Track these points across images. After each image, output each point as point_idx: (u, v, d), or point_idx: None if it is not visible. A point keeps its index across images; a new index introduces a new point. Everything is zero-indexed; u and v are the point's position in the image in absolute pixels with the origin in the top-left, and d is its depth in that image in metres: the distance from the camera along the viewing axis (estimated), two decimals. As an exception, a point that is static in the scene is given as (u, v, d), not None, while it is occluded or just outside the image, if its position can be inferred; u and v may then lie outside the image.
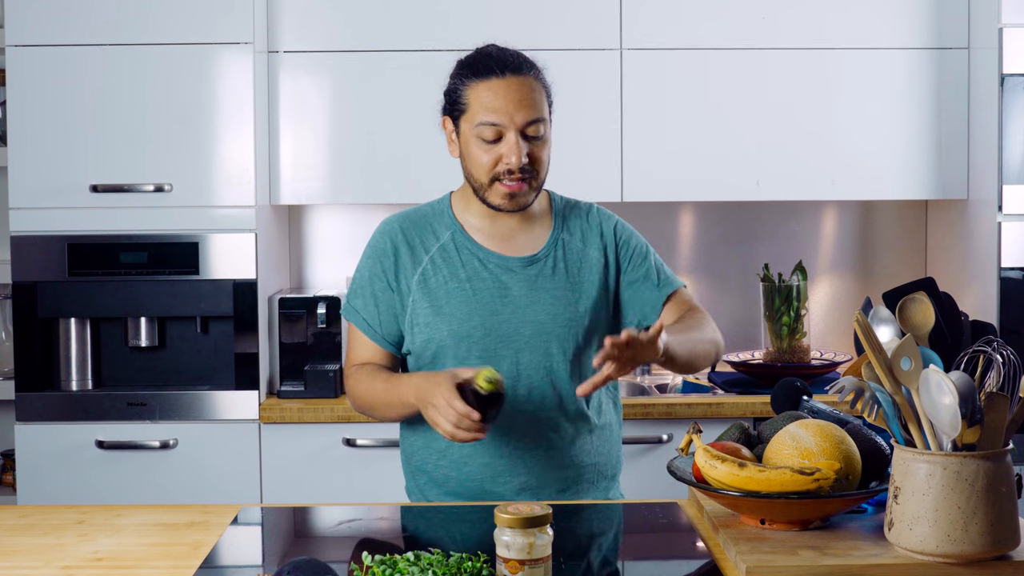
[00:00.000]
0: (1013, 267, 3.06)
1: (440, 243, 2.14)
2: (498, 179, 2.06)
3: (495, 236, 2.15)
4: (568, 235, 2.18)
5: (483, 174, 2.07)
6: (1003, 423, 1.59)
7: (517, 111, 2.03)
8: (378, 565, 1.54)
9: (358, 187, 3.22)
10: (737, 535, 1.71)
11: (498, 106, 2.03)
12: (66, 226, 3.02)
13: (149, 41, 3.01)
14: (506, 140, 2.04)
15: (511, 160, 2.03)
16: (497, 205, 2.09)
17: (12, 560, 1.74)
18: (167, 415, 3.02)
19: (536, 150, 2.06)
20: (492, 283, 2.11)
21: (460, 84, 2.08)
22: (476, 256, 2.13)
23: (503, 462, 2.11)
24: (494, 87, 2.04)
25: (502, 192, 2.07)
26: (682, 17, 3.21)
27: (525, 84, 2.05)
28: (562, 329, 2.11)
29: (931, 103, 3.24)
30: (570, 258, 2.16)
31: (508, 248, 2.15)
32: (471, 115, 2.06)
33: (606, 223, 2.22)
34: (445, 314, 2.10)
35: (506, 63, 2.05)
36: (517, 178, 2.05)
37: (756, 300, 3.49)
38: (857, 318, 1.63)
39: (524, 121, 2.03)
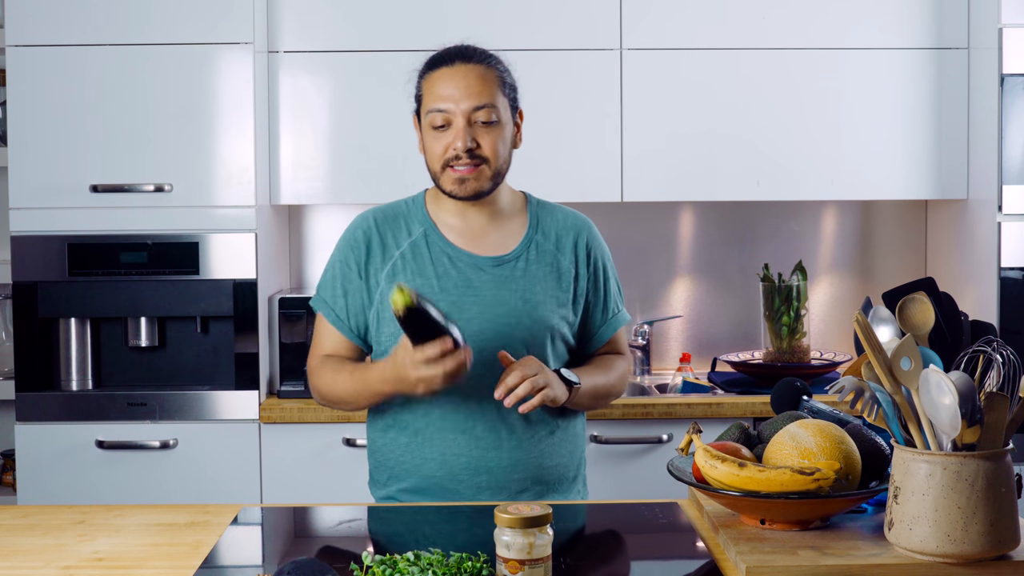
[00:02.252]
0: (1013, 267, 3.06)
1: (412, 239, 2.16)
2: (449, 165, 2.08)
3: (467, 233, 2.16)
4: (542, 237, 2.19)
5: (435, 161, 2.10)
6: (1003, 423, 1.59)
7: (464, 97, 2.06)
8: (378, 565, 1.54)
9: (358, 187, 3.22)
10: (737, 535, 1.71)
11: (446, 93, 2.07)
12: (66, 226, 3.02)
13: (149, 41, 3.01)
14: (454, 126, 2.07)
15: (457, 144, 2.06)
16: (449, 191, 2.11)
17: (12, 560, 1.74)
18: (167, 415, 3.02)
19: (486, 136, 2.08)
20: (460, 281, 2.12)
21: (419, 78, 2.14)
22: (446, 253, 2.14)
23: (462, 461, 2.12)
24: (444, 75, 2.08)
25: (452, 178, 2.09)
26: (682, 17, 3.21)
27: (473, 71, 2.08)
28: (526, 331, 2.12)
29: (931, 103, 3.24)
30: (542, 260, 2.17)
31: (479, 246, 2.16)
32: (425, 105, 2.11)
33: (582, 233, 2.22)
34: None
35: (458, 53, 2.11)
36: (465, 163, 2.07)
37: (756, 300, 3.49)
38: (857, 318, 1.63)
39: (471, 107, 2.06)
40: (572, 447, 2.21)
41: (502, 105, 2.10)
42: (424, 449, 2.13)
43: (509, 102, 2.13)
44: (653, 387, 3.32)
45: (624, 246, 3.56)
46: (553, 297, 2.15)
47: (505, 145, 2.12)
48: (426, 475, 2.13)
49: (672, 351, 3.59)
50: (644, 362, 3.46)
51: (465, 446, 2.12)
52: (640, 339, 3.46)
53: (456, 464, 2.12)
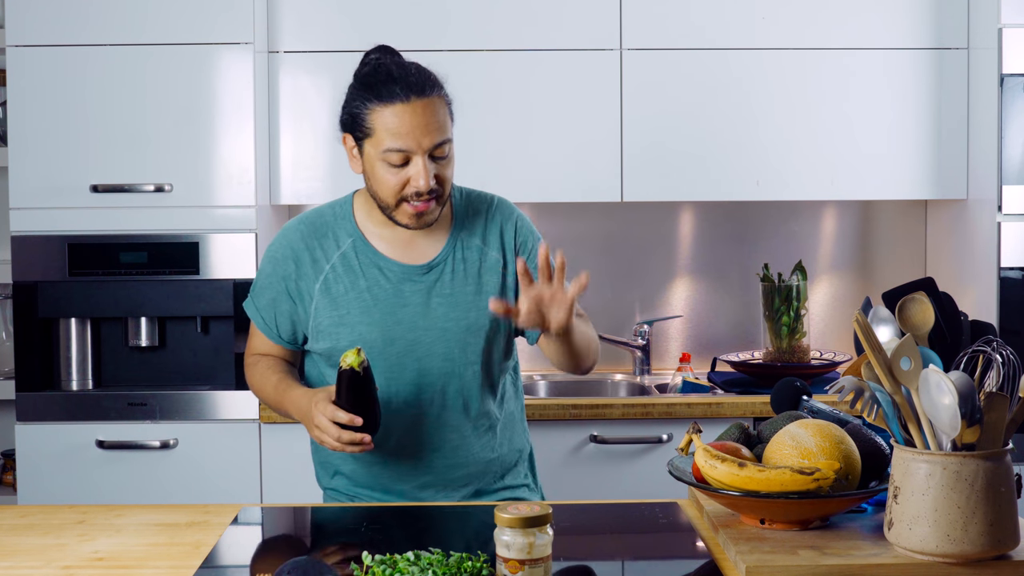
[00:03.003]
0: (1013, 267, 3.06)
1: (341, 251, 2.14)
2: (405, 200, 2.04)
3: (395, 242, 2.14)
4: (468, 234, 2.17)
5: (390, 195, 2.05)
6: (1003, 423, 1.59)
7: (424, 135, 2.00)
8: (378, 565, 1.54)
9: (358, 187, 3.21)
10: (737, 535, 1.71)
11: (404, 131, 1.99)
12: (66, 226, 3.02)
13: (149, 41, 3.02)
14: (413, 163, 2.01)
15: (419, 183, 2.01)
16: (404, 224, 2.08)
17: (12, 560, 1.74)
18: (167, 415, 3.02)
19: (442, 170, 2.04)
20: (392, 292, 2.12)
21: (363, 107, 2.03)
22: (376, 264, 2.13)
23: (407, 463, 2.15)
24: (399, 112, 1.99)
25: (410, 212, 2.05)
26: (682, 17, 3.21)
27: (430, 107, 2.01)
28: (462, 334, 2.12)
29: (931, 103, 3.24)
30: (469, 260, 2.16)
31: (407, 254, 2.14)
32: (376, 140, 2.02)
33: (507, 222, 2.19)
34: (347, 324, 2.11)
35: (409, 86, 2.00)
36: (425, 199, 2.03)
37: (756, 300, 3.49)
38: (857, 318, 1.63)
39: (431, 144, 2.01)
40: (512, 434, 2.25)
41: (451, 134, 2.07)
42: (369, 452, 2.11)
43: (452, 123, 2.08)
44: (653, 387, 3.32)
45: (624, 246, 3.56)
46: (484, 294, 2.14)
47: (452, 173, 2.09)
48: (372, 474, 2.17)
49: (672, 351, 3.59)
50: (644, 362, 3.46)
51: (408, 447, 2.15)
52: (640, 339, 3.46)
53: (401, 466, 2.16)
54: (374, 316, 2.10)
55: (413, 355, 2.11)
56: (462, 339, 2.13)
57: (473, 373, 2.14)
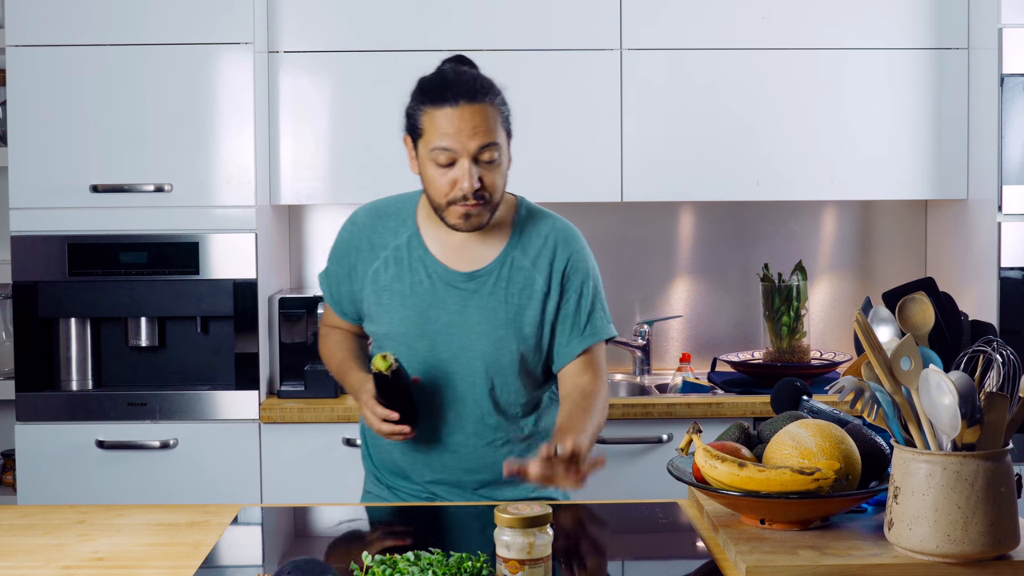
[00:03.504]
0: (1013, 267, 3.06)
1: (396, 243, 2.22)
2: (453, 202, 2.10)
3: (448, 244, 2.19)
4: (520, 253, 2.19)
5: (439, 196, 2.12)
6: (1003, 423, 1.59)
7: (470, 138, 2.06)
8: (378, 565, 1.54)
9: (358, 187, 3.22)
10: (737, 535, 1.71)
11: (451, 132, 2.06)
12: (66, 226, 3.02)
13: (149, 41, 3.01)
14: (459, 165, 2.08)
15: (464, 185, 2.07)
16: (453, 225, 2.14)
17: (12, 560, 1.74)
18: (167, 415, 3.02)
19: (489, 175, 2.10)
20: (430, 294, 2.17)
21: (417, 109, 2.12)
22: (423, 264, 2.19)
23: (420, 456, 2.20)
24: (448, 115, 2.07)
25: (457, 213, 2.11)
26: (682, 17, 3.21)
27: (479, 112, 2.07)
28: (488, 347, 2.15)
29: (931, 103, 3.24)
30: (513, 278, 2.17)
31: (458, 259, 2.19)
32: (427, 140, 2.10)
33: (561, 251, 2.20)
34: (384, 313, 2.20)
35: (461, 90, 2.08)
36: (472, 203, 2.09)
37: (756, 300, 3.49)
38: (857, 318, 1.63)
39: (476, 147, 2.07)
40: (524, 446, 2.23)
41: (502, 141, 2.12)
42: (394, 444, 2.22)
43: (506, 134, 2.15)
44: (653, 387, 3.32)
45: (624, 246, 3.56)
46: (519, 315, 2.16)
47: (503, 179, 2.15)
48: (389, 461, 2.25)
49: (672, 351, 3.59)
50: (644, 362, 3.46)
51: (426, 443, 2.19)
52: (640, 339, 3.46)
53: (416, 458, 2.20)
54: (406, 311, 2.17)
55: (437, 357, 2.17)
56: (489, 353, 2.16)
57: (494, 387, 2.17)
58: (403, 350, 2.16)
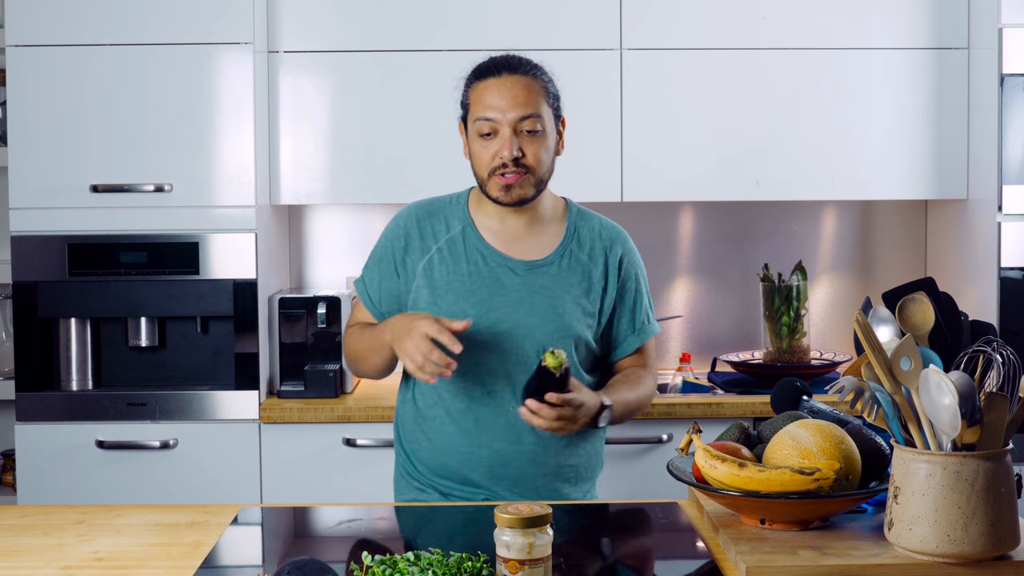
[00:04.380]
0: (1013, 267, 3.06)
1: (450, 235, 2.24)
2: (494, 173, 2.15)
3: (504, 236, 2.23)
4: (577, 247, 2.25)
5: (482, 168, 2.17)
6: (1003, 423, 1.59)
7: (510, 108, 2.14)
8: (378, 565, 1.54)
9: (358, 187, 3.22)
10: (737, 535, 1.71)
11: (492, 103, 2.14)
12: (66, 226, 3.02)
13: (149, 41, 3.01)
14: (500, 135, 2.14)
15: (504, 154, 2.13)
16: (495, 197, 2.18)
17: (12, 560, 1.74)
18: (167, 415, 3.02)
19: (530, 145, 2.16)
20: (490, 280, 2.19)
21: (467, 88, 2.21)
22: (480, 252, 2.22)
23: (482, 453, 2.18)
24: (491, 86, 2.16)
25: (499, 184, 2.16)
26: (682, 17, 3.21)
27: (520, 82, 2.16)
28: (550, 337, 2.17)
29: (931, 103, 3.24)
30: (573, 270, 2.23)
31: (515, 249, 2.23)
32: (472, 113, 2.18)
33: (615, 247, 2.28)
34: (441, 304, 2.19)
35: (505, 64, 2.18)
36: (512, 171, 2.14)
37: (756, 300, 3.49)
38: (857, 318, 1.63)
39: (516, 117, 2.14)
40: (592, 447, 2.27)
41: (546, 115, 2.18)
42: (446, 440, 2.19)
43: (552, 111, 2.21)
44: (653, 387, 3.32)
45: (624, 246, 3.56)
46: (579, 306, 2.21)
47: (548, 154, 2.20)
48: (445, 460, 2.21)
49: (672, 351, 3.59)
50: (644, 362, 3.46)
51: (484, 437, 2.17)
52: (640, 339, 3.46)
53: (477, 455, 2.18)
54: (468, 301, 2.18)
55: (501, 345, 2.17)
56: (548, 342, 2.16)
57: None
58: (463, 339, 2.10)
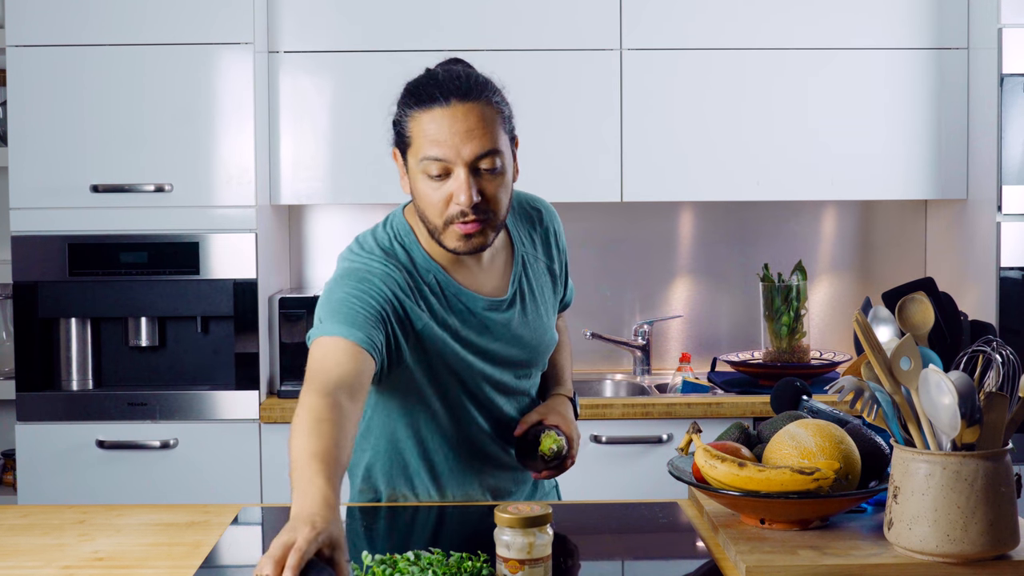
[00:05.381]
0: (1013, 267, 3.06)
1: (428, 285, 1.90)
2: (452, 222, 1.81)
3: (459, 265, 1.93)
4: (529, 248, 2.03)
5: (435, 216, 1.82)
6: (1003, 423, 1.59)
7: (464, 143, 1.78)
8: (378, 565, 1.54)
9: (358, 187, 3.22)
10: (737, 535, 1.71)
11: (442, 139, 1.78)
12: (66, 226, 3.02)
13: (149, 41, 3.01)
14: (455, 177, 1.79)
15: (461, 199, 1.78)
16: (453, 249, 1.85)
17: (12, 560, 1.74)
18: (167, 415, 3.02)
19: (490, 187, 1.81)
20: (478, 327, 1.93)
21: (404, 114, 1.84)
22: (460, 300, 1.92)
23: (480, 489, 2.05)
24: (437, 117, 1.78)
25: (457, 234, 1.82)
26: (682, 17, 3.21)
27: (473, 112, 1.79)
28: (540, 356, 2.05)
29: (931, 103, 3.24)
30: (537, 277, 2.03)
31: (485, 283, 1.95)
32: (416, 149, 1.81)
33: (551, 226, 2.08)
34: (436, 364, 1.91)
35: (451, 88, 1.80)
36: (472, 219, 1.80)
37: (756, 300, 3.49)
38: (857, 318, 1.63)
39: (472, 155, 1.78)
40: None
41: (504, 147, 1.83)
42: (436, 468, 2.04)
43: (508, 138, 1.86)
44: (653, 387, 3.32)
45: (624, 246, 3.56)
46: (553, 306, 2.10)
47: (507, 192, 1.85)
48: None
49: (672, 351, 3.59)
50: (644, 362, 3.46)
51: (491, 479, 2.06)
52: (640, 339, 3.46)
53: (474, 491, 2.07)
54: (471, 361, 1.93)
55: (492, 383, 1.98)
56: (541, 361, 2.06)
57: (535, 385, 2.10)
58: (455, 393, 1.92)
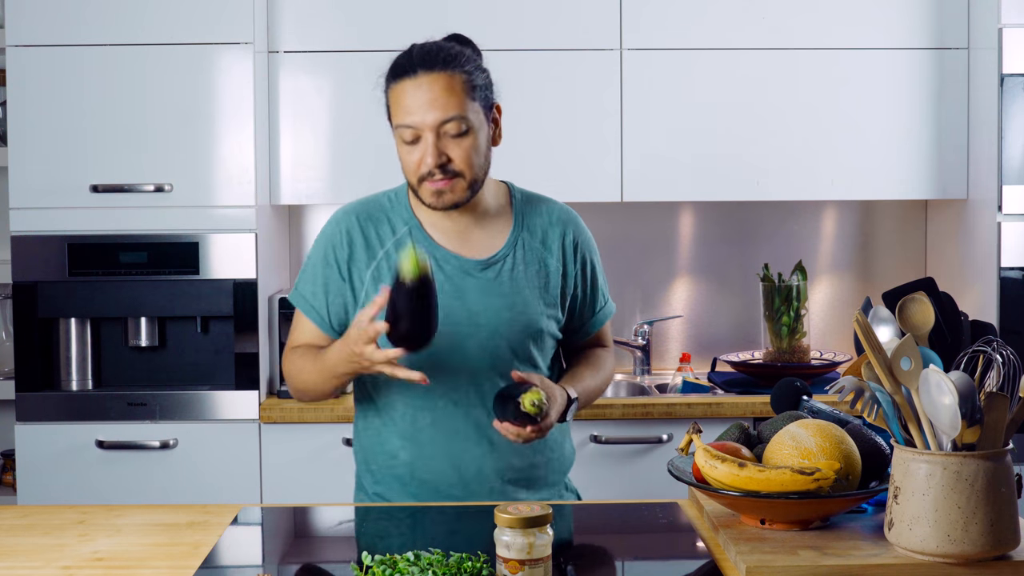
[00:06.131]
0: (1013, 267, 3.06)
1: (396, 237, 2.11)
2: (423, 179, 2.02)
3: (451, 232, 2.11)
4: (528, 235, 2.15)
5: (411, 175, 2.04)
6: (1003, 423, 1.59)
7: (428, 111, 1.98)
8: (378, 565, 1.54)
9: (358, 187, 3.19)
10: (737, 535, 1.71)
11: (411, 107, 1.99)
12: (66, 226, 3.02)
13: (149, 41, 3.01)
14: (423, 141, 2.00)
15: (427, 161, 1.99)
16: (430, 204, 2.05)
17: (12, 560, 1.74)
18: (167, 415, 3.02)
19: (456, 149, 2.00)
20: (448, 286, 2.06)
21: (387, 87, 2.06)
22: (432, 256, 2.07)
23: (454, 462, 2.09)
24: (407, 88, 2.00)
25: (430, 191, 2.02)
26: (682, 17, 3.21)
27: (438, 82, 1.98)
28: (516, 333, 2.09)
29: (931, 103, 3.24)
30: (529, 260, 2.13)
31: (465, 247, 2.11)
32: (393, 118, 2.04)
33: (568, 228, 2.18)
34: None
35: (420, 60, 2.00)
36: (440, 178, 2.00)
37: (756, 300, 3.49)
38: (857, 318, 1.63)
39: (436, 121, 1.98)
40: (561, 441, 2.20)
41: (472, 111, 2.01)
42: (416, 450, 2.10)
43: (481, 104, 2.04)
44: (653, 387, 3.32)
45: (624, 246, 3.56)
46: (540, 298, 2.12)
47: (479, 153, 2.03)
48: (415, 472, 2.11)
49: (672, 351, 3.59)
50: (644, 362, 3.46)
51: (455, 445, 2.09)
52: (640, 339, 3.46)
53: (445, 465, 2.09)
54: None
55: (462, 349, 2.06)
56: (514, 339, 2.09)
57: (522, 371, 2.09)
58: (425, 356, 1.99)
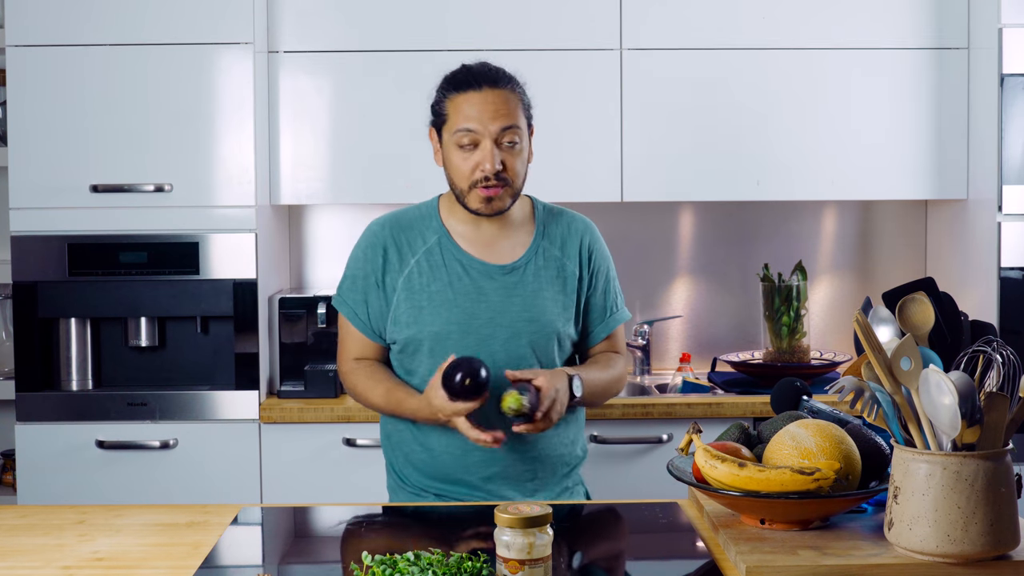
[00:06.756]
0: (1013, 267, 3.06)
1: (426, 246, 2.29)
2: (475, 185, 2.20)
3: (478, 242, 2.29)
4: (548, 243, 2.32)
5: (462, 180, 2.22)
6: (1003, 423, 1.59)
7: (492, 120, 2.19)
8: (378, 565, 1.54)
9: (358, 187, 3.22)
10: (737, 535, 1.71)
11: (474, 115, 2.19)
12: (66, 226, 3.02)
13: (149, 41, 3.01)
14: (481, 147, 2.19)
15: (486, 166, 2.18)
16: (475, 209, 2.23)
17: (12, 560, 1.74)
18: (167, 415, 3.02)
19: (510, 158, 2.21)
20: (471, 288, 2.25)
21: (443, 97, 2.25)
22: (459, 261, 2.27)
23: (475, 455, 2.23)
24: (471, 99, 2.20)
25: (480, 197, 2.21)
26: (682, 17, 3.21)
27: (500, 95, 2.21)
28: (534, 334, 2.25)
29: (931, 103, 3.24)
30: (548, 266, 2.30)
31: (490, 254, 2.29)
32: (451, 124, 2.22)
33: (585, 237, 2.36)
34: (426, 315, 2.25)
35: (484, 76, 2.22)
36: (493, 184, 2.20)
37: (756, 300, 3.49)
38: (857, 318, 1.63)
39: (498, 129, 2.19)
40: (575, 435, 2.35)
41: (523, 126, 2.23)
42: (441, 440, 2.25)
43: (526, 123, 2.26)
44: (653, 387, 3.32)
45: (624, 246, 3.56)
46: (559, 302, 2.29)
47: (524, 165, 2.25)
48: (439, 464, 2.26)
49: (672, 351, 3.59)
50: (644, 362, 3.46)
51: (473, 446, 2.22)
52: (640, 339, 3.46)
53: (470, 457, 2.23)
54: (452, 309, 2.24)
55: (486, 348, 2.22)
56: (533, 339, 2.25)
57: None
58: (451, 348, 2.22)
